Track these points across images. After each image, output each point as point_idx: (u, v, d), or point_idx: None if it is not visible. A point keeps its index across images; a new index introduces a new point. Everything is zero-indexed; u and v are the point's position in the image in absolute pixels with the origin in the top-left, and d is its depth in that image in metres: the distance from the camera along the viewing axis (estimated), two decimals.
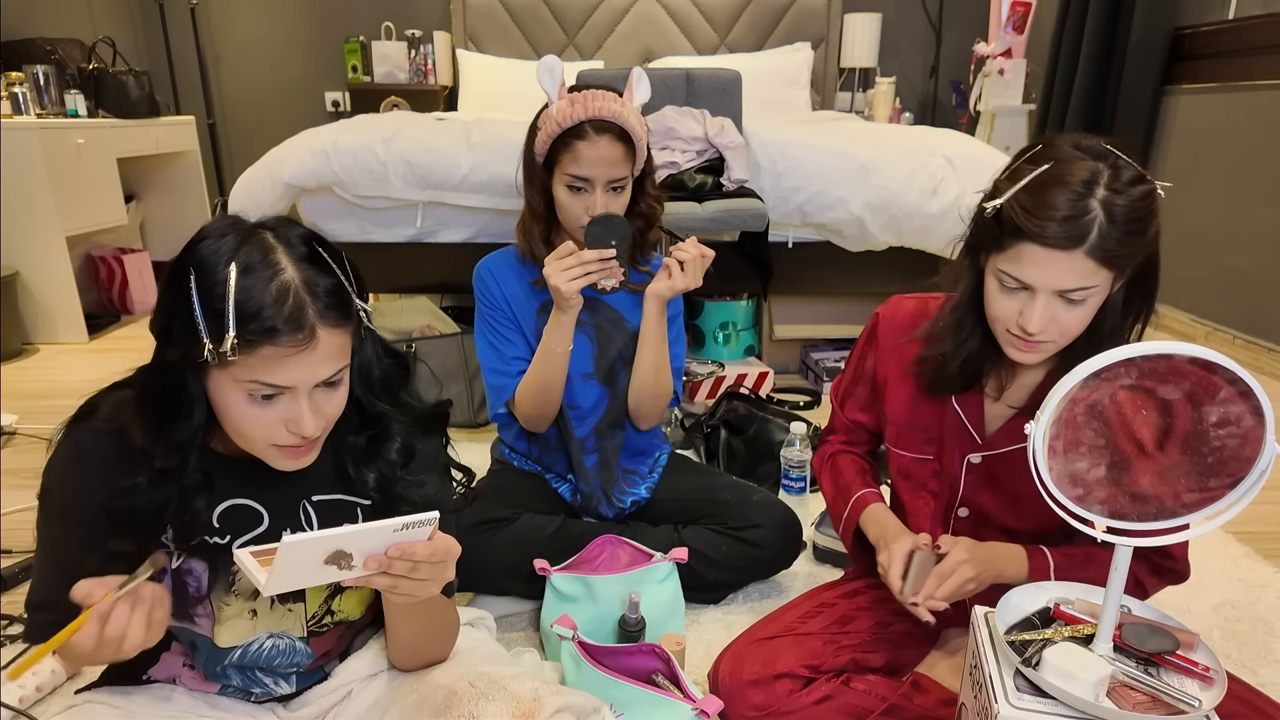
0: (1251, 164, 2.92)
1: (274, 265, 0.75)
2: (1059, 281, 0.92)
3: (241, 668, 0.92)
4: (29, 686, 1.25)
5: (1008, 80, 3.87)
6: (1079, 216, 0.89)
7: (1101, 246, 0.89)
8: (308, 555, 0.69)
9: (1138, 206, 0.90)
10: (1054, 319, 0.95)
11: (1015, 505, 1.14)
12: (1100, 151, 0.93)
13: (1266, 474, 0.79)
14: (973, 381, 1.11)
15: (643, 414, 1.51)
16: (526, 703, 0.87)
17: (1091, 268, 0.91)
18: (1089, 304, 0.95)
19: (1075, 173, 0.91)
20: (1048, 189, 0.91)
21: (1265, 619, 1.49)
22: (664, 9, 4.16)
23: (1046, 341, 0.97)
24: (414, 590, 0.77)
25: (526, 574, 1.36)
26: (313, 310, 0.75)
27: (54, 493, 0.84)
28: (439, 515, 0.75)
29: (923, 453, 1.18)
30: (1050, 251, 0.90)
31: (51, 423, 0.86)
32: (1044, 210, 0.90)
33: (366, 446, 0.90)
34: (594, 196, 1.34)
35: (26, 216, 2.98)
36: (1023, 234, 0.92)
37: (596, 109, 1.32)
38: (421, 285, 2.59)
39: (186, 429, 0.79)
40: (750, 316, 2.70)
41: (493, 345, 1.48)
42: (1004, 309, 0.98)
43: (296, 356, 0.74)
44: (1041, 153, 0.95)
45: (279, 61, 4.33)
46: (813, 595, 1.29)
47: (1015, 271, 0.94)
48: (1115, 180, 0.91)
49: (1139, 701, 0.81)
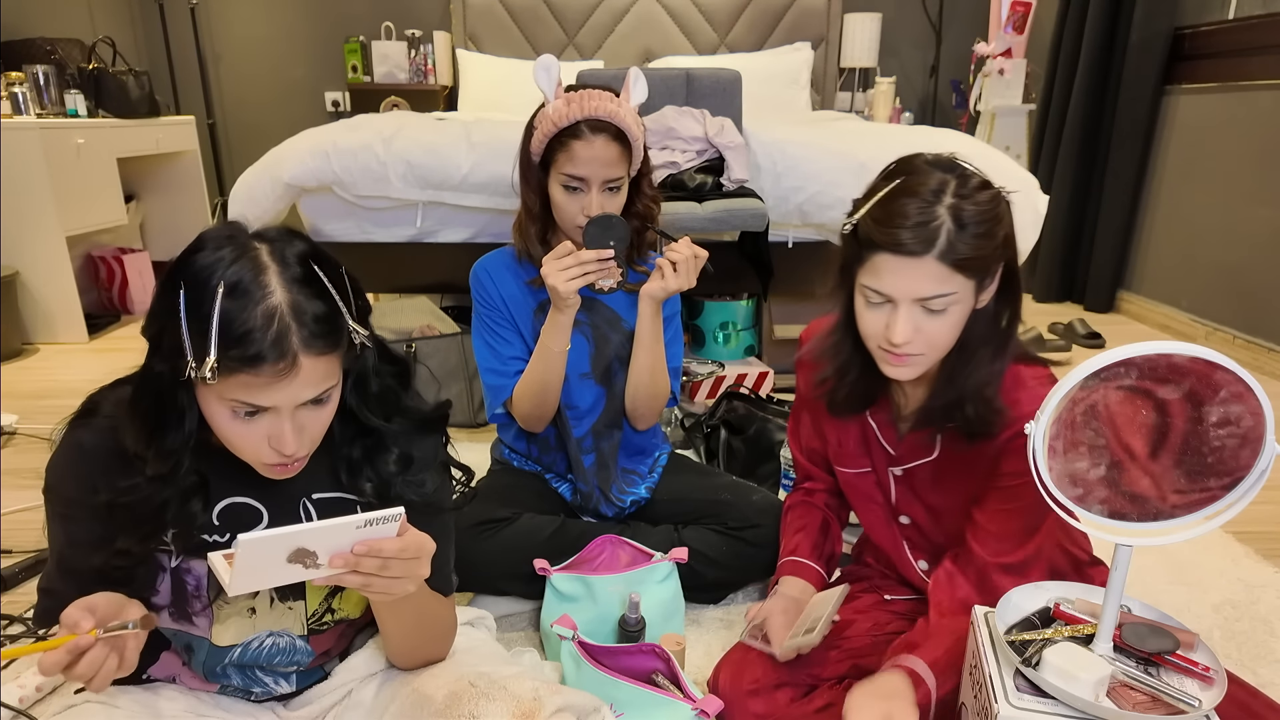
0: (1251, 164, 2.92)
1: (263, 288, 0.73)
2: (916, 289, 0.95)
3: (241, 667, 0.92)
4: (29, 686, 1.25)
5: (1008, 80, 3.87)
6: (927, 222, 0.93)
7: (951, 251, 0.93)
8: (268, 554, 0.69)
9: (984, 211, 0.94)
10: (919, 329, 0.98)
11: (936, 517, 1.18)
12: (949, 164, 0.98)
13: (1266, 474, 0.79)
14: (868, 400, 1.15)
15: (639, 414, 1.52)
16: (527, 702, 0.87)
17: (945, 273, 0.94)
18: (951, 314, 0.97)
19: (924, 183, 0.95)
20: (897, 200, 0.95)
21: (1265, 619, 1.49)
22: (664, 9, 4.16)
23: (916, 354, 1.00)
24: (388, 588, 0.76)
25: (526, 574, 1.36)
26: (297, 338, 0.73)
27: (56, 490, 0.84)
28: (404, 511, 0.74)
29: (859, 466, 1.22)
30: (903, 259, 0.94)
31: (51, 423, 0.86)
32: (894, 219, 0.94)
33: (361, 457, 0.89)
34: (590, 196, 1.34)
35: (26, 216, 2.98)
36: (876, 245, 0.96)
37: (592, 108, 1.32)
38: (421, 285, 2.59)
39: (178, 437, 0.79)
40: (750, 316, 2.70)
41: (490, 345, 1.48)
42: (872, 324, 1.01)
43: (278, 383, 0.73)
44: (895, 170, 1.00)
45: (279, 61, 4.33)
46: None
47: (875, 284, 0.98)
48: (962, 187, 0.95)
49: (1139, 701, 0.81)
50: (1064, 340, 3.15)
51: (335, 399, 0.82)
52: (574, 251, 1.31)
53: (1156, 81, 3.33)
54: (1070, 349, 3.10)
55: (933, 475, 1.15)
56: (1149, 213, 3.50)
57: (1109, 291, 3.67)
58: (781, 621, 1.16)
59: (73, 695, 0.93)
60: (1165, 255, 3.41)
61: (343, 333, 0.78)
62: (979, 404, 1.02)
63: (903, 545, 1.23)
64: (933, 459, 1.13)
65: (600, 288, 1.37)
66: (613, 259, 1.32)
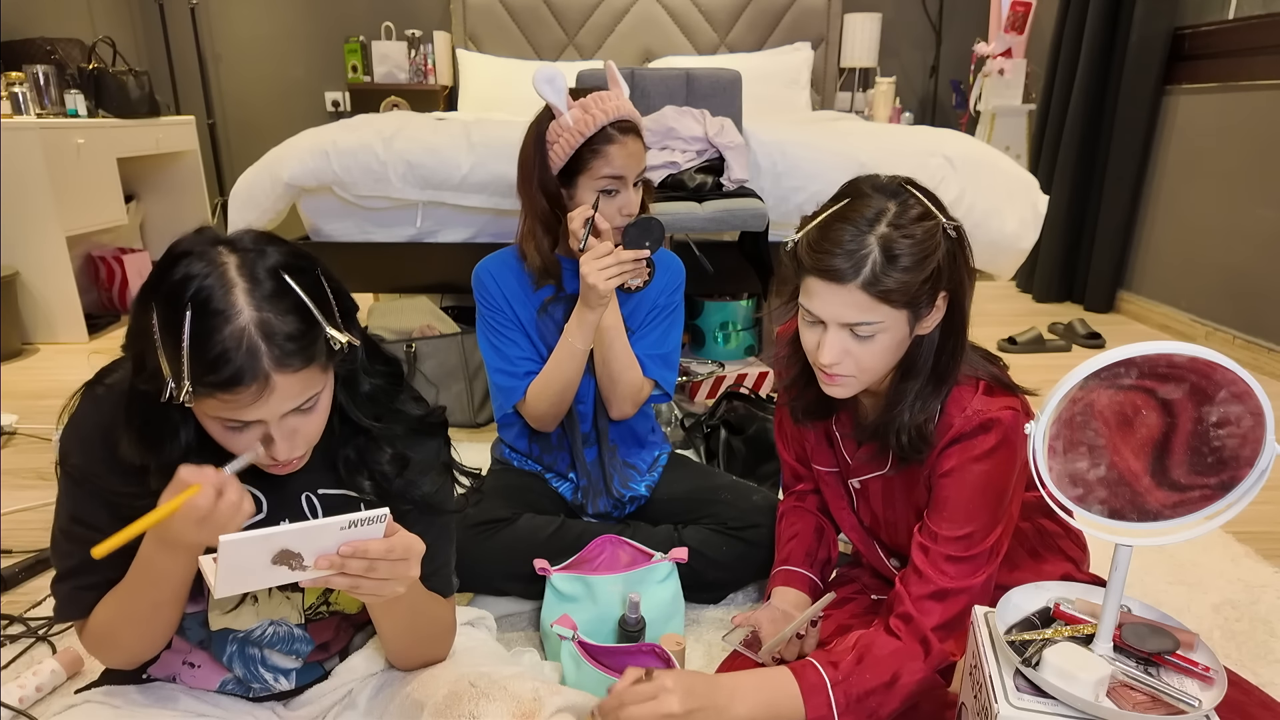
0: (1251, 164, 2.92)
1: (231, 306, 0.70)
2: (840, 314, 0.96)
3: (245, 644, 0.93)
4: (29, 686, 1.25)
5: (1008, 80, 3.87)
6: (855, 251, 0.93)
7: (875, 282, 0.92)
8: (252, 555, 0.69)
9: (916, 243, 0.93)
10: (847, 352, 0.98)
11: (893, 528, 1.19)
12: (893, 190, 0.97)
13: (1266, 474, 0.79)
14: (828, 411, 1.16)
15: (613, 401, 1.51)
16: (527, 702, 0.87)
17: (869, 302, 0.94)
18: (879, 340, 0.97)
19: (861, 210, 0.95)
20: (833, 225, 0.95)
21: (1265, 619, 1.49)
22: (664, 9, 4.16)
23: (846, 375, 1.00)
24: (377, 590, 0.76)
25: (526, 574, 1.36)
26: (268, 359, 0.71)
27: (72, 457, 0.83)
28: (389, 512, 0.74)
29: (830, 466, 1.24)
30: (829, 285, 0.94)
31: (51, 423, 0.86)
32: (824, 245, 0.94)
33: (357, 456, 0.89)
34: (628, 195, 1.39)
35: (26, 216, 2.99)
36: (807, 268, 0.96)
37: (614, 110, 1.35)
38: (421, 285, 2.59)
39: (175, 449, 0.79)
40: (750, 316, 2.70)
41: (496, 347, 1.48)
42: (807, 342, 1.02)
43: (256, 401, 0.72)
44: (843, 191, 1.00)
45: (279, 61, 4.33)
46: None
47: (806, 304, 0.99)
48: (899, 218, 0.94)
49: (1139, 701, 0.81)
50: (1064, 340, 3.15)
51: (325, 403, 0.81)
52: (614, 250, 1.33)
53: (1156, 82, 3.33)
54: (1070, 349, 3.10)
55: (884, 489, 1.16)
56: (1149, 213, 3.50)
57: (1109, 291, 3.67)
58: (770, 631, 1.17)
59: (73, 695, 0.93)
60: (1165, 255, 3.41)
61: (319, 345, 0.75)
62: (910, 431, 1.03)
63: (874, 545, 1.26)
64: (883, 474, 1.15)
65: (630, 286, 1.42)
66: (647, 259, 1.36)
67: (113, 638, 0.85)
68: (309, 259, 0.78)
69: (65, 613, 0.86)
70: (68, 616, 0.86)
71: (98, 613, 0.84)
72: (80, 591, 0.84)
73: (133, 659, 0.90)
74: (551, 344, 1.45)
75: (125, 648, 0.87)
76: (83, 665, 1.32)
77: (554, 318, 1.47)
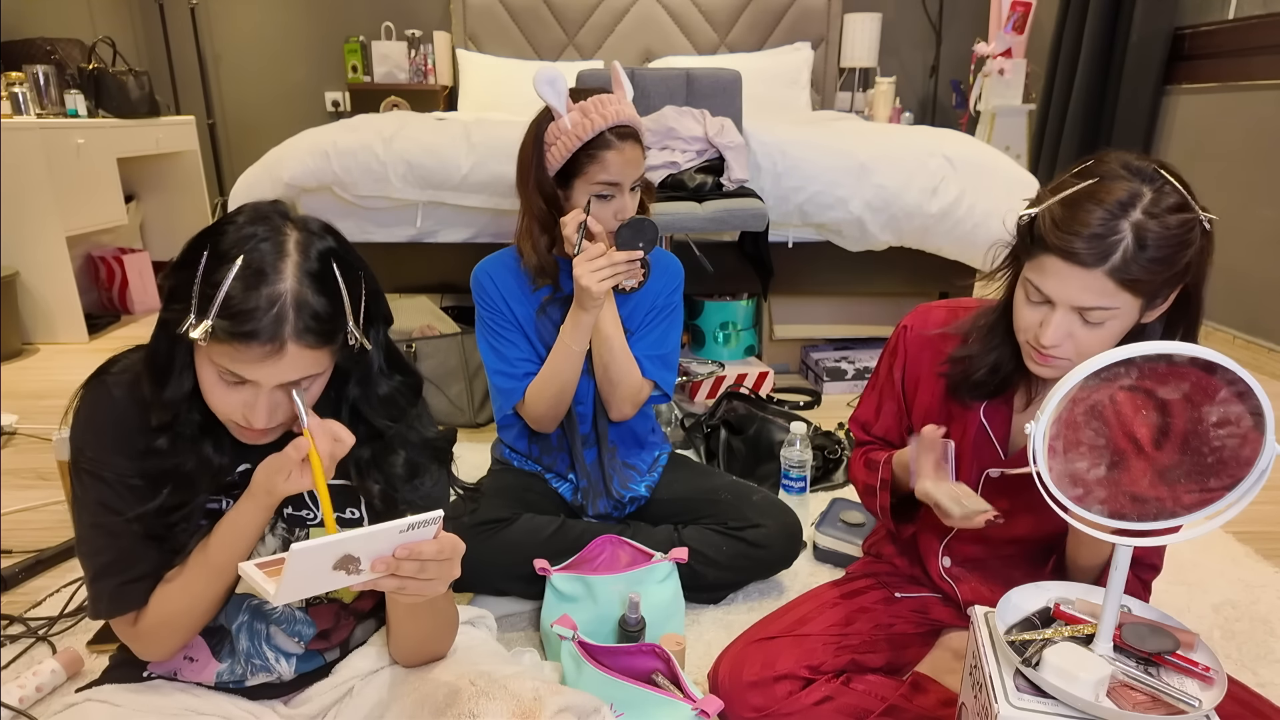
0: (1251, 164, 2.92)
1: (278, 272, 0.76)
2: (1076, 298, 0.91)
3: (255, 617, 0.94)
4: (29, 686, 1.25)
5: (1008, 80, 3.87)
6: (1106, 236, 0.87)
7: (1124, 270, 0.88)
8: (316, 562, 0.69)
9: (1171, 235, 0.88)
10: (1070, 336, 0.94)
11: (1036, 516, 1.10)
12: (1149, 174, 0.91)
13: (1266, 474, 0.79)
14: (999, 390, 1.09)
15: (613, 402, 1.51)
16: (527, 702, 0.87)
17: (1111, 289, 0.89)
18: (1108, 327, 0.93)
19: (1113, 191, 0.89)
20: (1082, 204, 0.90)
21: (1265, 619, 1.49)
22: (664, 9, 4.16)
23: (1062, 359, 0.96)
24: (421, 590, 0.78)
25: (526, 574, 1.36)
26: (291, 327, 0.76)
27: (87, 450, 0.85)
28: (442, 514, 0.75)
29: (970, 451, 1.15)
30: (1071, 267, 0.90)
31: (51, 423, 0.87)
32: (1072, 225, 0.89)
33: (370, 458, 0.91)
34: (624, 200, 1.38)
35: (26, 216, 2.98)
36: (1047, 246, 0.91)
37: (613, 115, 1.34)
38: (421, 285, 2.59)
39: (177, 389, 0.82)
40: (750, 316, 2.70)
41: (495, 349, 1.48)
42: (1027, 319, 0.98)
43: (263, 362, 0.76)
44: (1090, 168, 0.94)
45: (279, 61, 4.33)
46: (813, 596, 1.29)
47: (1038, 282, 0.94)
48: (1154, 205, 0.88)
49: (1139, 701, 0.81)
50: None
51: (317, 389, 0.84)
52: (606, 252, 1.33)
53: (1156, 81, 3.33)
54: None
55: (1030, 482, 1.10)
56: None
57: None
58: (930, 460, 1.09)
59: (73, 694, 0.93)
60: None
61: (339, 331, 0.80)
62: None
63: (938, 535, 1.20)
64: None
65: (625, 287, 1.42)
66: (641, 260, 1.36)
67: (171, 624, 0.87)
68: (359, 261, 0.84)
69: (115, 608, 0.86)
70: (117, 612, 0.86)
71: (157, 603, 0.86)
72: (128, 585, 0.85)
73: (181, 646, 0.91)
74: (550, 344, 1.45)
75: (186, 630, 0.89)
76: (83, 665, 1.32)
77: (552, 318, 1.47)
